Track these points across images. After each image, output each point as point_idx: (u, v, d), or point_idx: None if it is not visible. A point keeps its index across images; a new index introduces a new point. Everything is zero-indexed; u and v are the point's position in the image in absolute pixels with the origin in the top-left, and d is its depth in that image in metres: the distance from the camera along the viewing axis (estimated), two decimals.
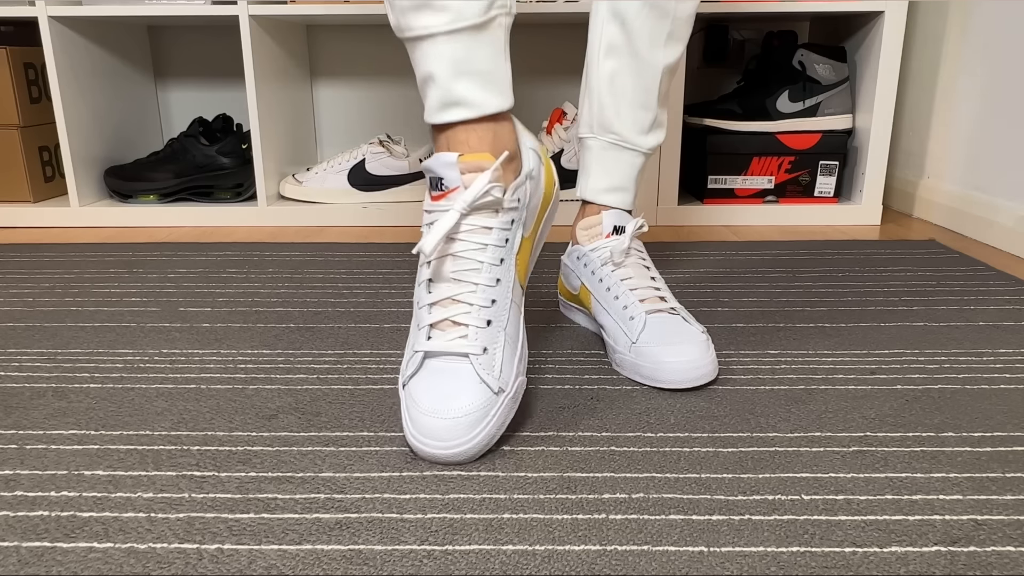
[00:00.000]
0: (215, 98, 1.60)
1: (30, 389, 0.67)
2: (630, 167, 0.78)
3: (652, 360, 0.65)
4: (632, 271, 0.73)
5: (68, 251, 1.14)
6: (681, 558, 0.44)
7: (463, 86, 0.58)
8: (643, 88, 0.74)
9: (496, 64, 0.59)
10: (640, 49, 0.73)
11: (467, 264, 0.58)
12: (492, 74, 0.59)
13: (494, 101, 0.59)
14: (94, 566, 0.44)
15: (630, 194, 0.79)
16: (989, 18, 1.17)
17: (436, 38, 0.58)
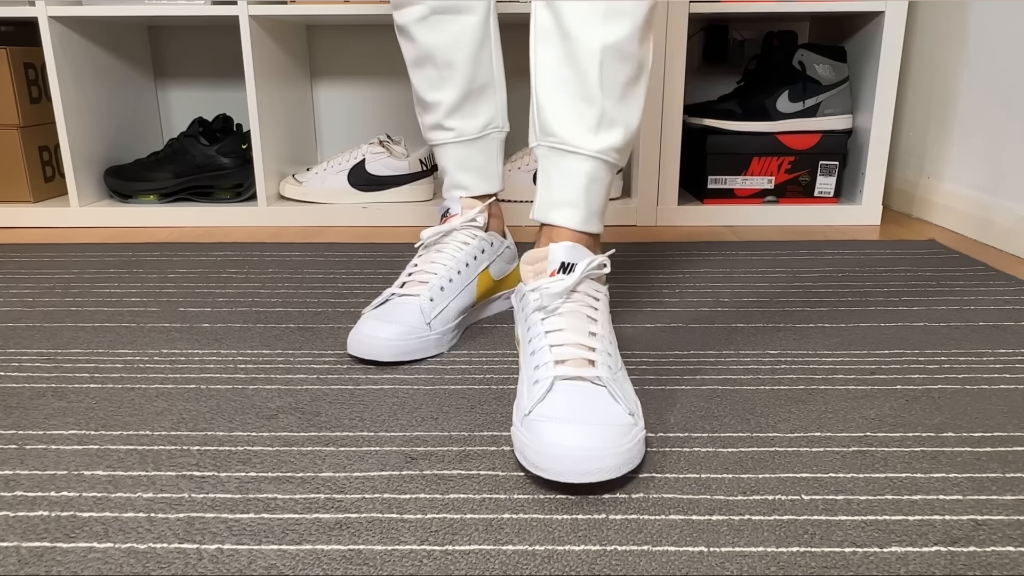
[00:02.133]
0: (215, 98, 1.60)
1: (30, 389, 0.67)
2: (577, 176, 0.64)
3: (536, 440, 0.51)
4: (566, 321, 0.59)
5: (68, 251, 1.14)
6: (681, 558, 0.44)
7: (463, 176, 0.83)
8: (579, 75, 0.62)
9: (488, 163, 0.84)
10: (570, 28, 0.61)
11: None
12: (485, 169, 0.84)
13: (483, 186, 0.84)
14: (94, 566, 0.44)
15: (580, 211, 0.65)
16: (989, 18, 1.17)
17: (447, 146, 0.83)
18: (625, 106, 0.63)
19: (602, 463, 0.49)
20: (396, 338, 0.71)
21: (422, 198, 1.37)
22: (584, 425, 0.51)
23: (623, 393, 0.55)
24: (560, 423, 0.51)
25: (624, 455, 0.50)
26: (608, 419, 0.52)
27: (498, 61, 0.81)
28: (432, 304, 0.74)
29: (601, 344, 0.58)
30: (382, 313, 0.73)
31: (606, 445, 0.50)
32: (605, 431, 0.51)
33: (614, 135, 0.63)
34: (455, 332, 0.77)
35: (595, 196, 0.65)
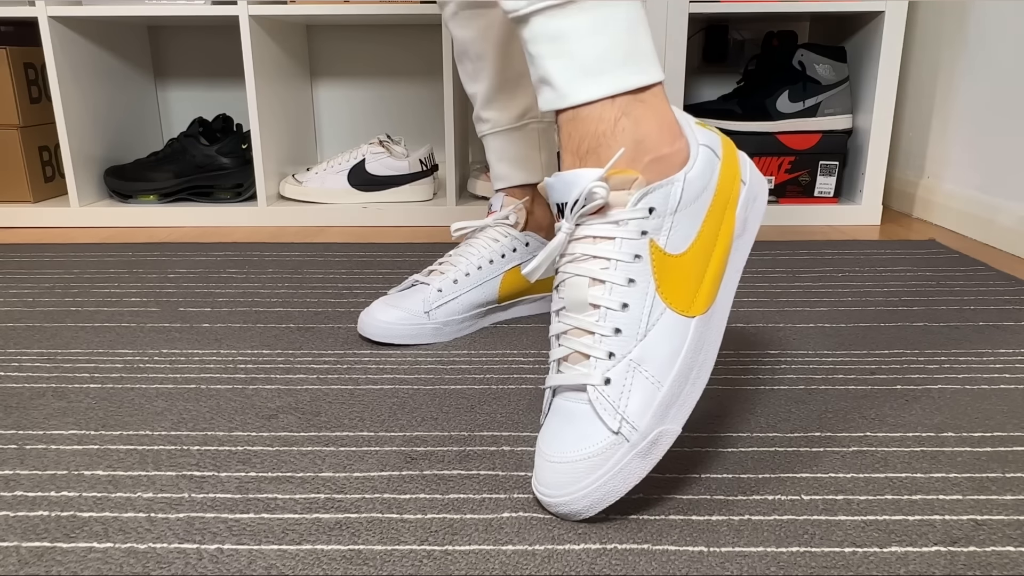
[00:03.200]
0: (215, 98, 1.60)
1: (30, 389, 0.67)
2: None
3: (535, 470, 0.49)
4: (565, 292, 0.50)
5: (68, 251, 1.14)
6: (681, 558, 0.44)
7: (502, 167, 0.83)
8: None
9: (527, 153, 0.82)
10: None
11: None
12: (523, 160, 0.82)
13: (521, 175, 0.82)
14: (94, 566, 0.43)
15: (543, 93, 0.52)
16: (989, 18, 1.17)
17: (486, 137, 0.83)
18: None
19: (572, 508, 0.46)
20: (392, 322, 0.75)
21: (422, 198, 1.37)
22: (551, 464, 0.46)
23: (615, 400, 0.46)
24: (541, 457, 0.48)
25: (590, 496, 0.45)
26: (577, 452, 0.46)
27: None
28: (440, 295, 0.76)
29: (605, 320, 0.47)
30: (394, 297, 0.77)
31: (570, 489, 0.45)
32: (569, 470, 0.45)
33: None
34: (464, 325, 0.78)
35: (565, 57, 0.49)
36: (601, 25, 0.48)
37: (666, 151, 0.50)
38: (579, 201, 0.47)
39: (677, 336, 0.48)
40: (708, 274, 0.50)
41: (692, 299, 0.49)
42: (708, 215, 0.50)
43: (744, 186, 0.52)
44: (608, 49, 0.48)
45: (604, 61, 0.48)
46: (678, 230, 0.49)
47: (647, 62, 0.50)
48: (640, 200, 0.48)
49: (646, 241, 0.48)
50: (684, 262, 0.49)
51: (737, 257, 0.52)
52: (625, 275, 0.47)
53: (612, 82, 0.48)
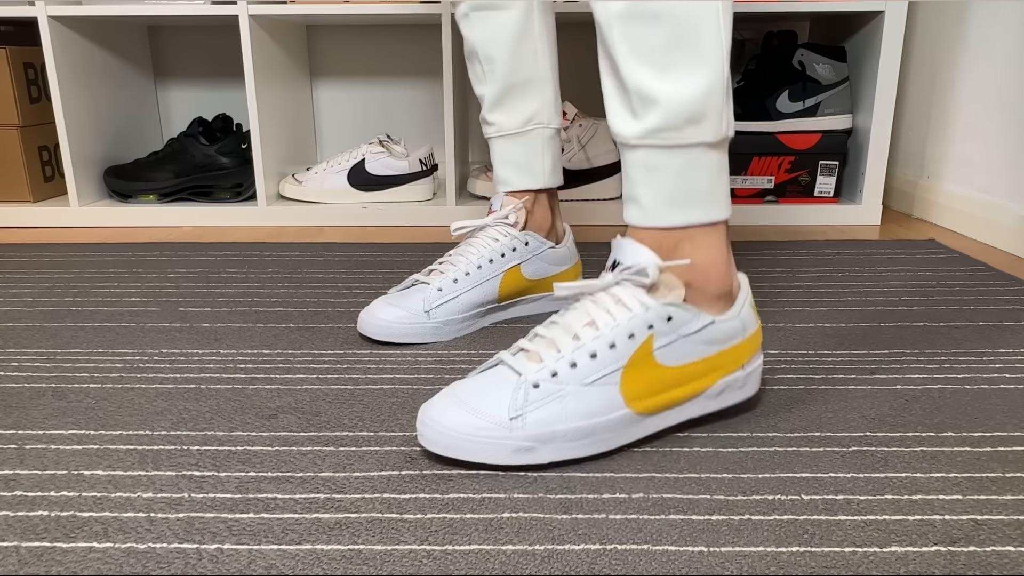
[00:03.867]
0: (215, 98, 1.60)
1: (30, 389, 0.67)
2: (630, 167, 0.57)
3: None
4: (568, 315, 0.57)
5: (68, 251, 1.14)
6: (681, 558, 0.44)
7: (504, 170, 0.83)
8: (607, 51, 0.56)
9: (530, 158, 0.82)
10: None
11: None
12: (527, 164, 0.82)
13: (524, 181, 0.82)
14: (94, 566, 0.43)
15: (635, 207, 0.58)
16: (989, 18, 1.17)
17: (491, 140, 0.83)
18: (666, 76, 0.53)
19: (430, 433, 0.53)
20: (392, 320, 0.75)
21: (422, 198, 1.37)
22: (453, 395, 0.55)
23: (530, 399, 0.53)
24: (450, 388, 0.56)
25: (450, 437, 0.52)
26: (477, 403, 0.53)
27: (544, 56, 0.80)
28: (440, 294, 0.77)
29: (574, 352, 0.54)
30: (395, 296, 0.78)
31: (444, 422, 0.53)
32: (457, 411, 0.53)
33: (652, 116, 0.54)
34: (464, 325, 0.79)
35: (655, 186, 0.56)
36: (691, 167, 0.55)
37: (711, 290, 0.57)
38: (632, 268, 0.55)
39: (606, 407, 0.54)
40: (665, 396, 0.56)
41: (641, 399, 0.55)
42: (703, 362, 0.57)
43: (741, 371, 0.59)
44: (692, 187, 0.56)
45: (687, 197, 0.56)
46: (675, 349, 0.56)
47: (722, 201, 0.57)
48: (668, 305, 0.55)
49: (647, 334, 0.55)
50: (657, 372, 0.55)
51: (689, 409, 0.58)
52: (613, 339, 0.54)
53: (691, 215, 0.56)
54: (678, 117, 0.54)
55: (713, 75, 0.53)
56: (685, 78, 0.53)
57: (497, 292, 0.80)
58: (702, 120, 0.54)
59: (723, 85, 0.54)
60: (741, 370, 0.58)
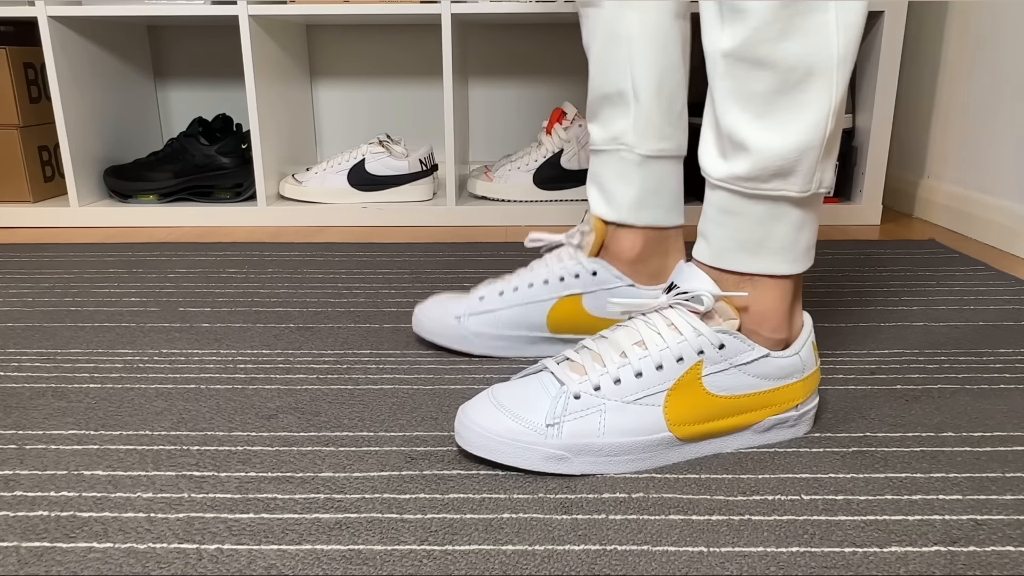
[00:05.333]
0: (215, 98, 1.60)
1: (30, 389, 0.67)
2: (708, 205, 0.56)
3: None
4: (617, 333, 0.57)
5: (68, 251, 1.14)
6: (681, 558, 0.44)
7: (591, 190, 0.72)
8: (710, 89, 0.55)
9: (613, 185, 0.70)
10: (702, 31, 0.54)
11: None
12: (608, 190, 0.70)
13: (604, 209, 0.71)
14: (94, 566, 0.43)
15: (706, 244, 0.57)
16: (989, 18, 1.17)
17: (591, 151, 0.73)
18: (763, 125, 0.51)
19: (467, 433, 0.53)
20: (430, 318, 0.73)
21: (422, 198, 1.37)
22: (492, 400, 0.54)
23: (569, 409, 0.52)
24: (491, 391, 0.55)
25: (485, 439, 0.52)
26: (514, 407, 0.53)
27: (643, 65, 0.66)
28: (479, 303, 0.72)
29: (619, 369, 0.53)
30: (450, 295, 0.75)
31: (483, 423, 0.53)
32: (495, 413, 0.53)
33: (740, 162, 0.52)
34: (499, 344, 0.72)
35: (729, 229, 0.54)
36: (772, 218, 0.53)
37: (763, 333, 0.55)
38: (688, 294, 0.54)
39: (646, 428, 0.53)
40: (711, 425, 0.54)
41: (683, 423, 0.54)
42: (754, 396, 0.55)
43: (794, 411, 0.57)
44: (768, 238, 0.54)
45: (760, 247, 0.54)
46: (725, 378, 0.54)
47: (799, 256, 0.55)
48: (721, 333, 0.53)
49: (696, 359, 0.53)
50: (704, 399, 0.54)
51: (737, 442, 0.56)
52: (661, 361, 0.53)
53: (760, 264, 0.54)
54: (766, 169, 0.51)
55: (813, 132, 0.50)
56: (782, 129, 0.50)
57: (546, 319, 0.70)
58: (791, 174, 0.51)
59: (822, 143, 0.51)
60: (794, 410, 0.56)
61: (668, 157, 0.69)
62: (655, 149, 0.68)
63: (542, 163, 1.35)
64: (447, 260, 1.08)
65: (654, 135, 0.68)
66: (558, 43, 1.54)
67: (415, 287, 0.95)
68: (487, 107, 1.58)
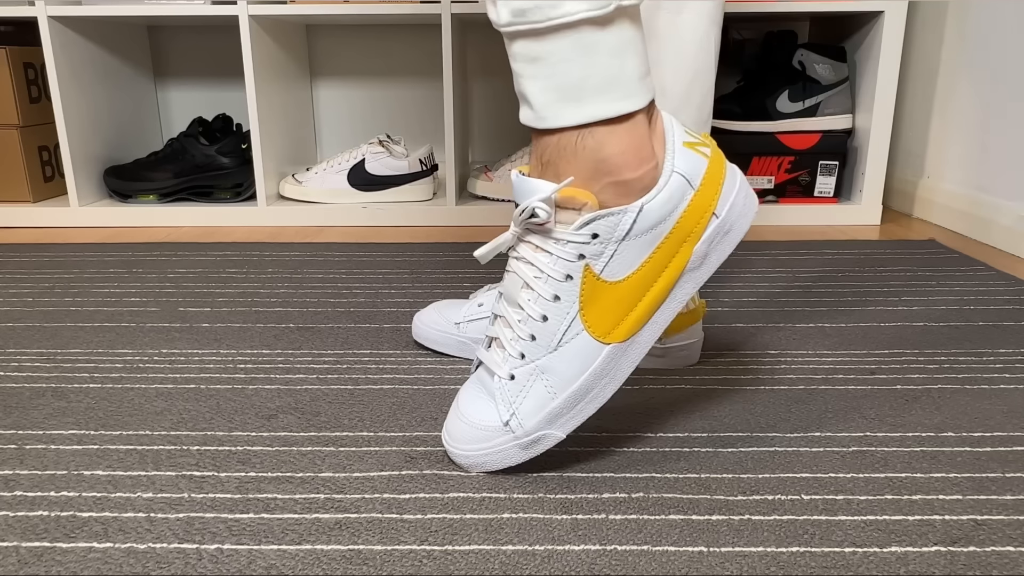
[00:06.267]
0: (215, 98, 1.60)
1: (30, 389, 0.67)
2: None
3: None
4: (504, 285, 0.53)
5: (68, 251, 1.14)
6: (681, 558, 0.44)
7: None
8: None
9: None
10: None
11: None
12: None
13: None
14: (94, 566, 0.43)
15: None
16: (989, 18, 1.17)
17: None
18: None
19: (457, 459, 0.53)
20: (427, 324, 0.74)
21: (422, 198, 1.37)
22: (458, 418, 0.53)
23: (512, 396, 0.51)
24: (455, 406, 0.54)
25: (471, 458, 0.52)
26: (476, 419, 0.52)
27: (673, 67, 0.63)
28: (479, 310, 0.72)
29: (524, 324, 0.50)
30: (449, 302, 0.75)
31: (462, 446, 0.52)
32: (467, 430, 0.52)
33: None
34: None
35: (544, 79, 0.48)
36: (582, 51, 0.46)
37: (628, 176, 0.48)
38: (524, 213, 0.48)
39: (586, 358, 0.50)
40: (641, 305, 0.50)
41: (614, 327, 0.50)
42: (660, 246, 0.49)
43: (715, 220, 0.50)
44: (587, 76, 0.46)
45: (582, 89, 0.47)
46: (621, 258, 0.49)
47: (631, 88, 0.47)
48: (584, 226, 0.48)
49: (581, 265, 0.49)
50: (618, 290, 0.49)
51: (684, 289, 0.51)
52: (552, 291, 0.49)
53: (589, 110, 0.47)
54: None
55: None
56: None
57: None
58: None
59: None
60: (715, 217, 0.50)
61: None
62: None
63: None
64: (447, 260, 1.08)
65: None
66: None
67: (415, 287, 0.95)
68: (487, 107, 1.58)
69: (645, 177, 0.48)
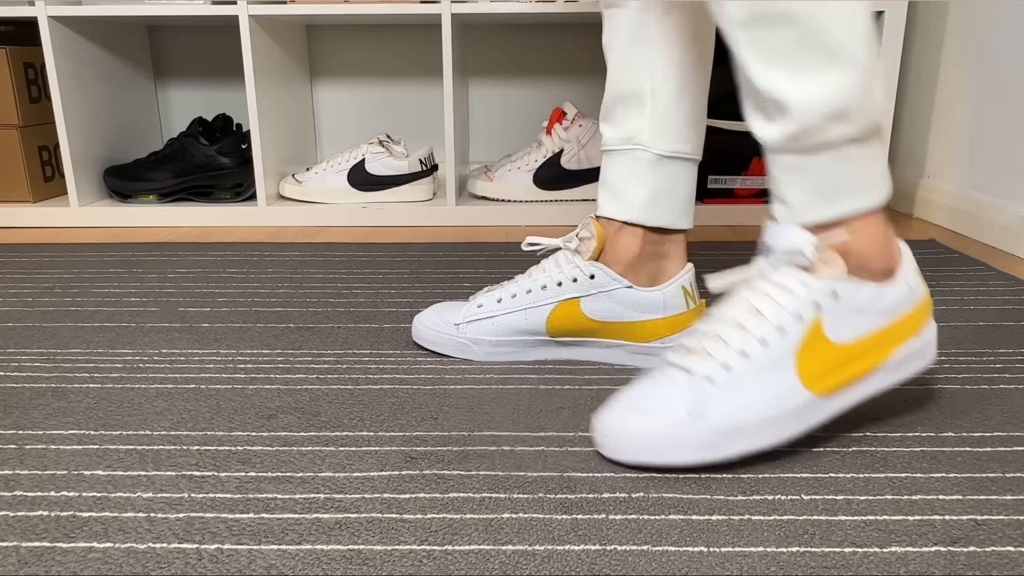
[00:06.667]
0: (215, 98, 1.60)
1: (30, 389, 0.67)
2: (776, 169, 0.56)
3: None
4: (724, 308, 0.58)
5: (68, 251, 1.14)
6: (681, 558, 0.44)
7: (602, 192, 0.71)
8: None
9: (625, 184, 0.69)
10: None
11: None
12: (618, 189, 0.69)
13: (613, 209, 0.69)
14: (94, 566, 0.43)
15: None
16: (989, 18, 1.17)
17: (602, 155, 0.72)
18: (798, 79, 0.51)
19: (631, 453, 0.53)
20: (428, 325, 0.74)
21: (422, 198, 1.37)
22: (626, 411, 0.54)
23: (708, 395, 0.52)
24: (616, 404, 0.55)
25: (631, 438, 0.52)
26: (651, 402, 0.53)
27: (661, 66, 0.66)
28: (478, 311, 0.72)
29: (743, 342, 0.53)
30: (449, 304, 0.75)
31: (623, 421, 0.53)
32: (640, 419, 0.53)
33: (786, 122, 0.52)
34: (500, 350, 0.72)
35: (802, 187, 0.54)
36: (841, 162, 0.53)
37: (870, 265, 0.55)
38: (787, 252, 0.54)
39: (784, 393, 0.53)
40: (843, 374, 0.54)
41: (819, 379, 0.53)
42: (874, 334, 0.55)
43: (916, 338, 0.57)
44: (841, 180, 0.53)
45: (836, 191, 0.53)
46: (845, 324, 0.54)
47: (878, 186, 0.54)
48: (832, 281, 0.53)
49: (813, 314, 0.53)
50: (831, 349, 0.54)
51: (870, 385, 0.56)
52: (779, 322, 0.53)
53: (841, 208, 0.54)
54: (814, 120, 0.51)
55: (851, 71, 0.50)
56: (819, 78, 0.50)
57: (545, 324, 0.70)
58: (846, 117, 0.51)
59: (864, 78, 0.50)
60: (916, 338, 0.56)
61: (683, 159, 0.69)
62: (671, 149, 0.67)
63: (542, 163, 1.35)
64: (447, 260, 1.08)
65: (670, 135, 0.67)
66: (558, 43, 1.54)
67: (415, 287, 0.95)
68: (487, 107, 1.58)
69: (881, 272, 0.55)
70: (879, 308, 0.54)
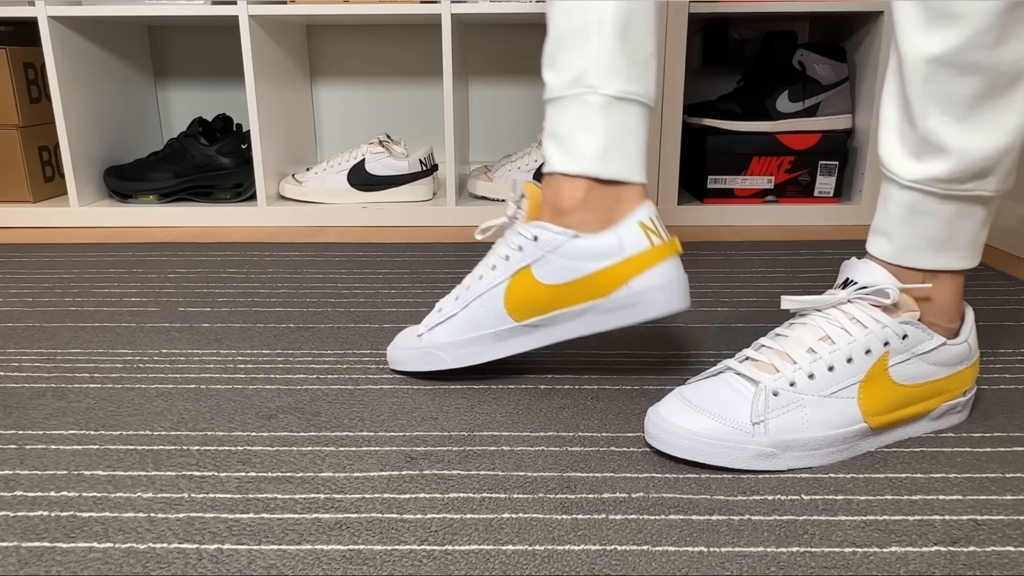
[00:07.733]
0: (215, 98, 1.60)
1: (30, 389, 0.67)
2: (894, 205, 0.57)
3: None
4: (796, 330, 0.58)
5: (68, 251, 1.14)
6: (681, 558, 0.44)
7: (549, 144, 0.64)
8: (903, 91, 0.55)
9: (575, 133, 0.62)
10: (897, 34, 0.54)
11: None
12: (569, 140, 0.63)
13: (563, 162, 0.63)
14: (94, 566, 0.43)
15: (891, 242, 0.57)
16: None
17: (545, 106, 0.65)
18: (966, 128, 0.51)
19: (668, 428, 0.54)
20: (397, 346, 0.69)
21: (422, 198, 1.37)
22: (684, 399, 0.55)
23: (771, 407, 0.53)
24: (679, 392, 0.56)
25: (691, 437, 0.53)
26: (712, 404, 0.54)
27: (611, 4, 0.60)
28: (438, 315, 0.67)
29: (812, 364, 0.54)
30: (412, 327, 0.71)
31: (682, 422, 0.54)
32: (692, 411, 0.54)
33: (938, 164, 0.53)
34: (470, 351, 0.66)
35: (917, 228, 0.55)
36: (961, 217, 0.55)
37: (943, 321, 0.57)
38: (871, 288, 0.55)
39: (845, 421, 0.54)
40: (899, 413, 0.56)
41: (877, 413, 0.55)
42: (933, 383, 0.57)
43: (962, 397, 0.59)
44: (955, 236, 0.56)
45: (946, 244, 0.56)
46: (909, 368, 0.56)
47: (978, 252, 0.57)
48: (905, 324, 0.55)
49: (882, 350, 0.55)
50: (892, 388, 0.55)
51: (915, 429, 0.58)
52: (851, 354, 0.54)
53: (943, 261, 0.56)
54: (967, 171, 0.52)
55: (1016, 133, 0.52)
56: (986, 132, 0.51)
57: (503, 307, 0.63)
58: (989, 175, 0.53)
59: (1017, 140, 0.52)
60: (963, 395, 0.59)
61: (635, 102, 0.62)
62: (621, 90, 0.61)
63: (542, 163, 1.35)
64: (447, 260, 1.08)
65: (620, 75, 0.61)
66: None
67: (415, 287, 0.95)
68: (487, 107, 1.58)
69: (947, 329, 0.57)
70: (940, 360, 0.56)
